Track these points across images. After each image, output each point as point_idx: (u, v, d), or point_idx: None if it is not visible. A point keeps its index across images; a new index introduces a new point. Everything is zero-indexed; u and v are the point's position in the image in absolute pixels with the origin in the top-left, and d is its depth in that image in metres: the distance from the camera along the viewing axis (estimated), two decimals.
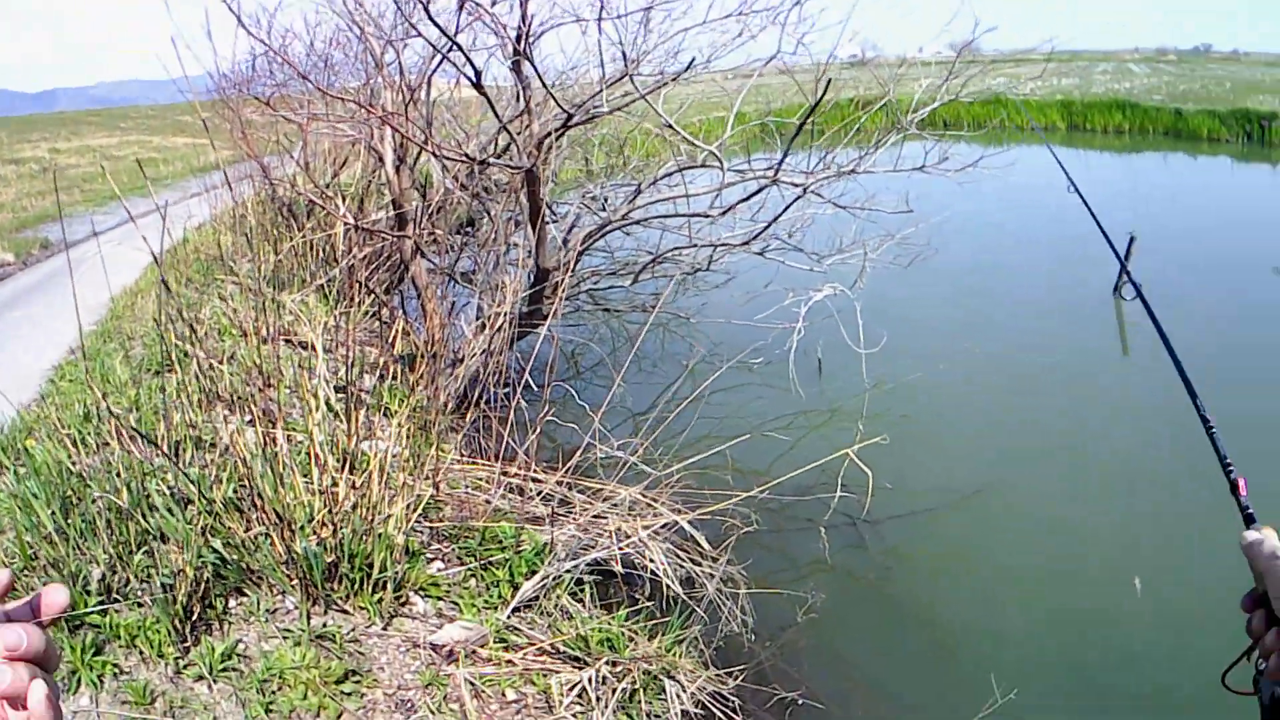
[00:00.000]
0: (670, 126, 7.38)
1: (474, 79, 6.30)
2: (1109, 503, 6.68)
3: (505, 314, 6.64)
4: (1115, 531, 6.35)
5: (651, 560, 4.94)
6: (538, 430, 5.37)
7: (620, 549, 4.83)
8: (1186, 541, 6.13)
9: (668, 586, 4.83)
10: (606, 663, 4.02)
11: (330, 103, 8.39)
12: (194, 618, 3.72)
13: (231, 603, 3.96)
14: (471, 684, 3.77)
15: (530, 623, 4.31)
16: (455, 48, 6.04)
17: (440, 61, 7.44)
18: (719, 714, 4.18)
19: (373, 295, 8.04)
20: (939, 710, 4.64)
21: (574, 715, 3.79)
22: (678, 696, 4.02)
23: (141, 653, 3.55)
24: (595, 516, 5.08)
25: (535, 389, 6.56)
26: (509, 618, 4.27)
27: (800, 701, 4.54)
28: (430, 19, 5.92)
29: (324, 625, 3.90)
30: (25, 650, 0.78)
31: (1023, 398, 8.69)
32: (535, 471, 5.29)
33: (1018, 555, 6.24)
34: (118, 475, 4.07)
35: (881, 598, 5.68)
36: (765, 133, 9.77)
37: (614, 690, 3.89)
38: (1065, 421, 8.10)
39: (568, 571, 4.59)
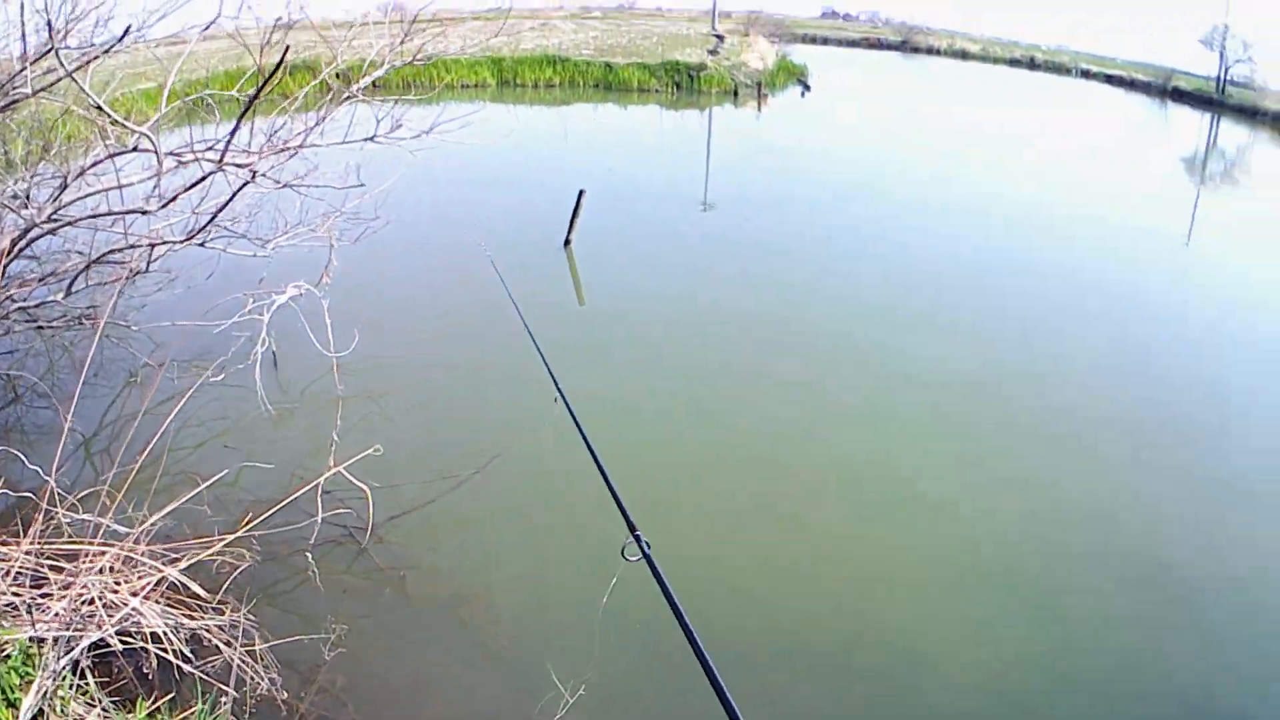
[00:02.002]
0: (100, 108, 6.81)
1: None
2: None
3: None
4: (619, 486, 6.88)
5: (150, 628, 4.61)
6: None
7: (114, 624, 4.46)
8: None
9: (179, 655, 4.56)
10: None
11: None
12: None
13: None
14: None
15: None
16: None
17: None
18: None
19: None
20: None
21: None
22: None
23: None
24: (79, 591, 4.62)
25: None
26: None
27: None
28: None
29: None
30: None
31: (497, 365, 9.06)
32: None
33: (519, 524, 6.64)
34: None
35: (407, 609, 5.70)
36: (201, 106, 9.24)
37: None
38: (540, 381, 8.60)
39: (65, 670, 4.17)
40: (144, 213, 7.26)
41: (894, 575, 6.33)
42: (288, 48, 6.97)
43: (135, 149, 7.48)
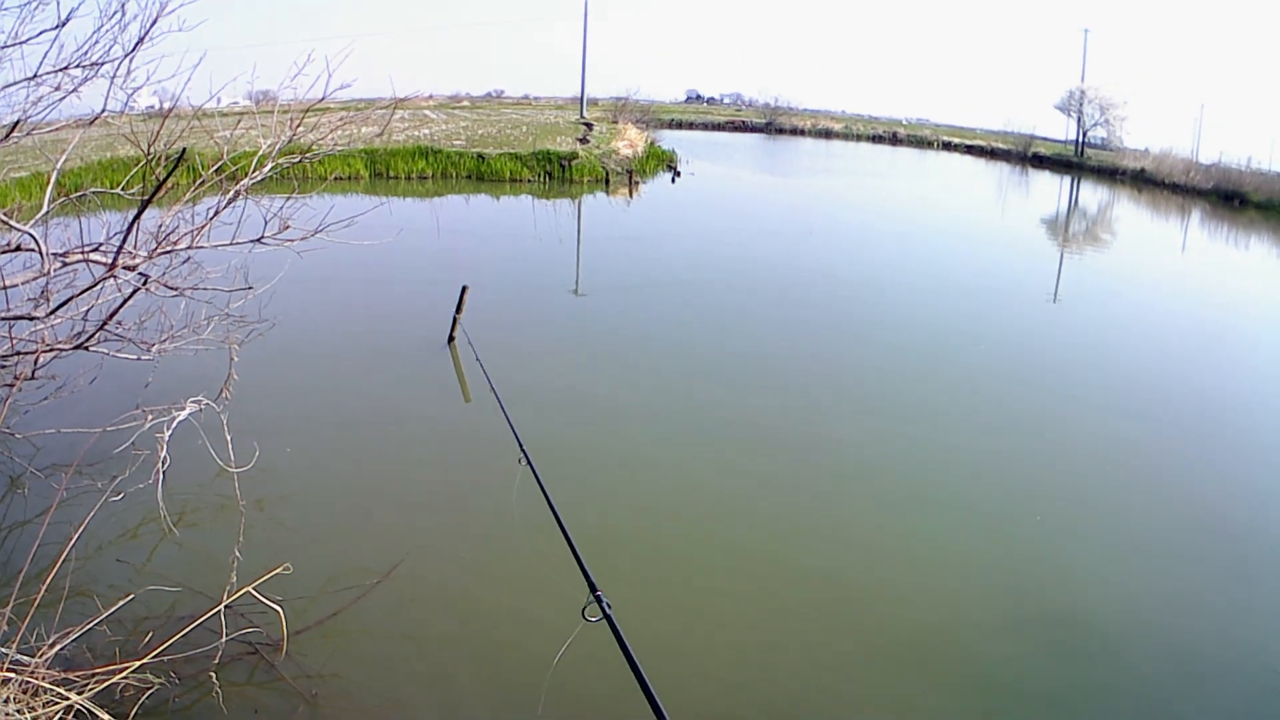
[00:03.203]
0: None
1: None
2: (514, 570, 7.27)
3: None
4: (532, 585, 7.00)
5: None
6: None
7: None
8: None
9: None
10: None
11: None
12: None
13: None
14: None
15: None
16: None
17: None
18: None
19: None
20: None
21: None
22: None
23: None
24: None
25: None
26: None
27: None
28: None
29: None
30: None
31: (396, 464, 9.18)
32: None
33: (431, 631, 6.61)
34: None
35: None
36: (83, 200, 9.10)
37: None
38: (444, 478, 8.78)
39: None
40: (31, 318, 7.14)
41: (860, 648, 6.60)
42: (184, 150, 7.00)
43: (18, 248, 7.34)
